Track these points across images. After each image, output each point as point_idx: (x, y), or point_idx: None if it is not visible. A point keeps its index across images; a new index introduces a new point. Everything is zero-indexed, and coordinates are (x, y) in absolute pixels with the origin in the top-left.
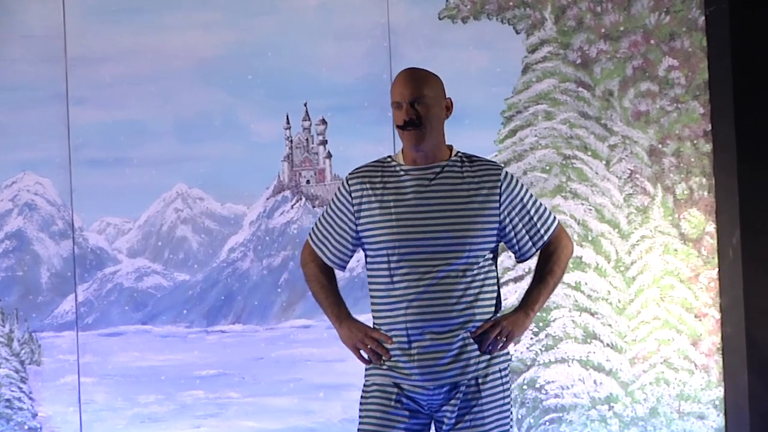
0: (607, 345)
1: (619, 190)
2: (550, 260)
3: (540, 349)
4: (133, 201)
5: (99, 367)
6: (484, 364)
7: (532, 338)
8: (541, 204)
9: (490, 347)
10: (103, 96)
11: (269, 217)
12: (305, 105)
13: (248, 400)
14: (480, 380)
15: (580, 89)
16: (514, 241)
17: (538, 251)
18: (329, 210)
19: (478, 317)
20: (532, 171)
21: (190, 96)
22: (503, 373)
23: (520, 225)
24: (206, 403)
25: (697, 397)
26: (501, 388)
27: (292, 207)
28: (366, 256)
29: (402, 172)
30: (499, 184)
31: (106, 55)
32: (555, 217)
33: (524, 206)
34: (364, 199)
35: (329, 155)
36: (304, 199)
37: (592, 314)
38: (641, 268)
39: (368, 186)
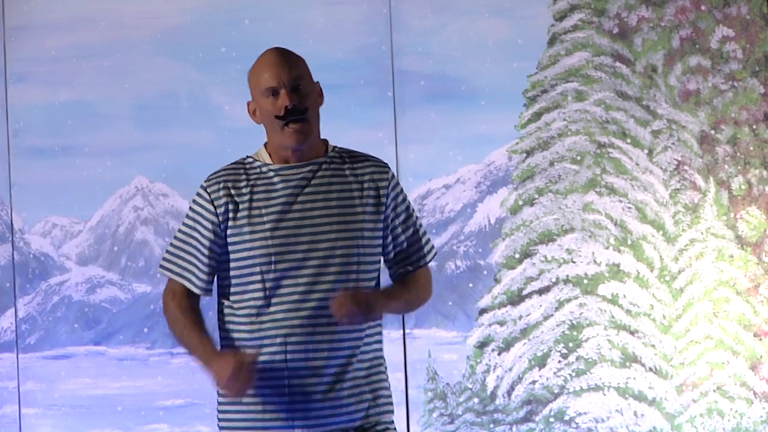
0: (650, 369)
1: (664, 185)
2: (413, 283)
3: (570, 375)
4: (84, 198)
5: (43, 396)
6: (376, 409)
7: (560, 361)
8: (421, 222)
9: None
10: (48, 72)
11: None
12: None
13: None
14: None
15: (618, 64)
16: (391, 255)
17: (407, 273)
18: (186, 229)
19: (363, 346)
20: (560, 161)
21: (151, 72)
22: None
23: (402, 237)
24: None
25: (757, 431)
26: None
27: None
28: (224, 278)
29: (271, 173)
30: (388, 185)
31: (51, 24)
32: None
33: (410, 217)
34: (230, 207)
35: None
36: None
37: (632, 333)
38: (690, 278)
39: (232, 192)
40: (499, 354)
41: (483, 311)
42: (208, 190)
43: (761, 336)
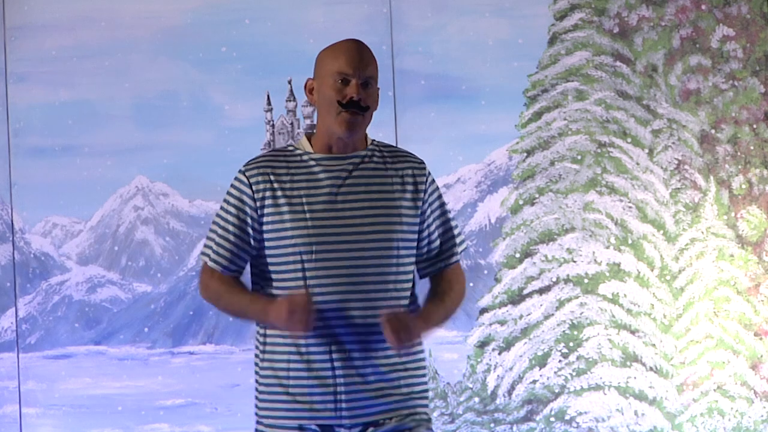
0: (651, 369)
1: (665, 184)
2: (447, 289)
3: (570, 374)
4: (84, 197)
5: (44, 396)
6: (416, 399)
7: (561, 361)
8: (456, 222)
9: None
10: (48, 72)
11: None
12: (290, 82)
13: None
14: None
15: (618, 64)
16: (424, 250)
17: (439, 271)
18: (224, 214)
19: None
20: (560, 161)
21: (151, 72)
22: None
23: (436, 234)
24: None
25: (757, 430)
26: None
27: None
28: (261, 269)
29: (313, 162)
30: (425, 180)
31: (51, 24)
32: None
33: (444, 213)
34: (268, 194)
35: None
36: None
37: (633, 332)
38: (691, 277)
39: (272, 178)
40: (499, 353)
41: (483, 311)
42: (247, 174)
43: (762, 335)
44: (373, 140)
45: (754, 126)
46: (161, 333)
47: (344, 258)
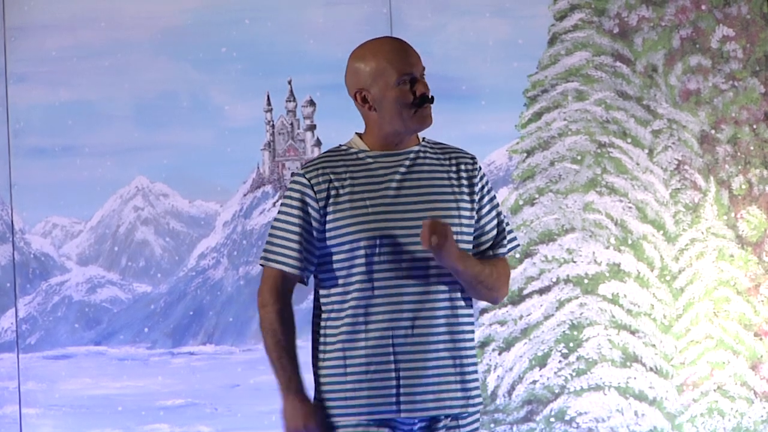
0: (651, 369)
1: (665, 185)
2: (498, 268)
3: (570, 374)
4: (84, 198)
5: (44, 396)
6: (471, 399)
7: (561, 361)
8: (505, 215)
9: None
10: (48, 72)
11: (247, 216)
12: (289, 83)
13: None
14: (460, 420)
15: (618, 64)
16: (477, 242)
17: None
18: (284, 217)
19: (460, 333)
20: (560, 161)
21: (151, 72)
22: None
23: (488, 226)
24: None
25: (757, 431)
26: None
27: (273, 205)
28: (325, 269)
29: (370, 160)
30: (476, 173)
31: (51, 24)
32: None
33: (494, 206)
34: (331, 192)
35: (318, 143)
36: None
37: (633, 332)
38: (691, 278)
39: (332, 177)
40: (499, 354)
41: (483, 311)
42: (307, 176)
43: (762, 336)
44: (424, 137)
45: (754, 126)
46: (161, 333)
47: (407, 252)
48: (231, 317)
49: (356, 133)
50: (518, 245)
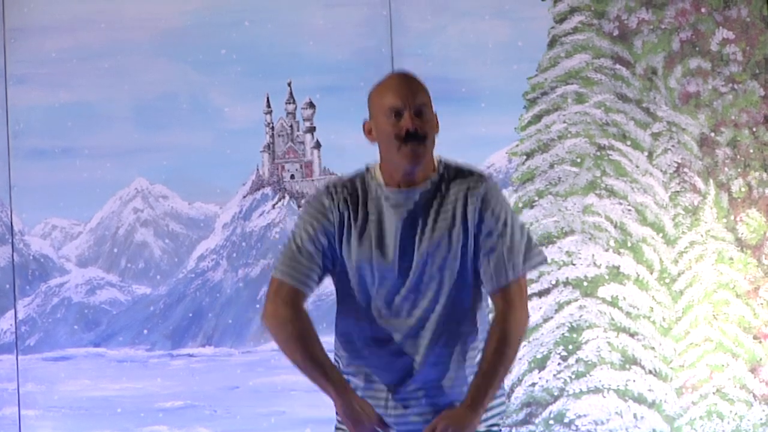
0: (650, 372)
1: (664, 187)
2: (498, 337)
3: (569, 377)
4: (84, 200)
5: (43, 398)
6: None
7: (560, 364)
8: (523, 235)
9: None
10: (48, 74)
11: (246, 218)
12: (289, 85)
13: None
14: None
15: (618, 66)
16: (480, 268)
17: (497, 292)
18: (300, 231)
19: (462, 364)
20: (560, 164)
21: (151, 74)
22: None
23: (488, 251)
24: None
25: None
26: None
27: (273, 207)
28: (336, 279)
29: (383, 197)
30: (477, 198)
31: (51, 25)
32: (530, 262)
33: (496, 230)
34: (346, 217)
35: (318, 145)
36: (287, 197)
37: (632, 335)
38: (690, 280)
39: (350, 204)
40: None
41: None
42: (333, 195)
43: (761, 338)
44: (441, 161)
45: (754, 129)
46: (160, 335)
47: (402, 289)
48: (230, 319)
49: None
50: (540, 262)
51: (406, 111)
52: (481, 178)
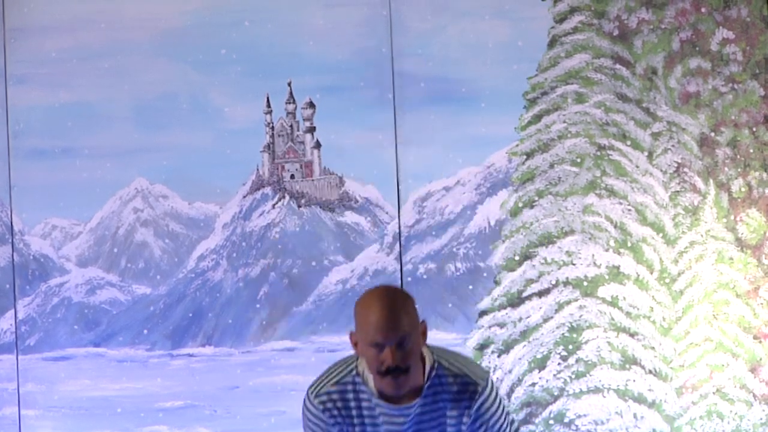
0: (650, 372)
1: (664, 187)
2: None
3: (569, 377)
4: (84, 199)
5: (43, 398)
6: None
7: (560, 363)
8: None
9: None
10: (48, 74)
11: (246, 218)
12: (289, 84)
13: None
14: None
15: (618, 66)
16: None
17: None
18: None
19: None
20: (560, 164)
21: (151, 74)
22: None
23: None
24: None
25: None
26: None
27: (273, 206)
28: None
29: (377, 409)
30: (472, 407)
31: (51, 25)
32: None
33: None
34: (342, 428)
35: (318, 145)
36: (287, 197)
37: (632, 335)
38: (690, 280)
39: (343, 414)
40: (498, 356)
41: (483, 313)
42: (321, 408)
43: (761, 338)
44: (435, 363)
45: (754, 129)
46: (160, 335)
47: None
48: (230, 319)
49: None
50: None
51: (387, 345)
52: (474, 384)
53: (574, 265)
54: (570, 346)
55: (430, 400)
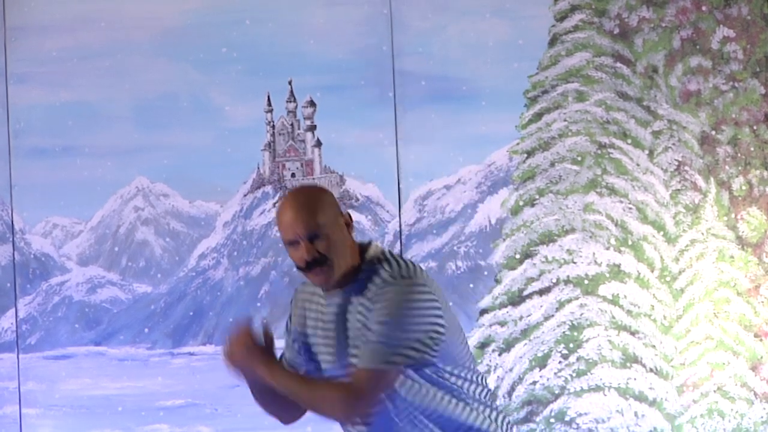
0: (651, 370)
1: (665, 186)
2: (318, 387)
3: (570, 375)
4: (85, 198)
5: (44, 396)
6: None
7: (561, 362)
8: (398, 339)
9: None
10: (48, 73)
11: (247, 217)
12: (290, 83)
13: None
14: None
15: (619, 65)
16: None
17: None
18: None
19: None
20: (560, 162)
21: (151, 73)
22: None
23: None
24: None
25: (757, 431)
26: None
27: (274, 205)
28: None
29: (321, 301)
30: (374, 295)
31: (52, 25)
32: (386, 362)
33: (371, 322)
34: (301, 320)
35: (318, 143)
36: None
37: (633, 333)
38: (691, 279)
39: (305, 306)
40: (499, 354)
41: (484, 312)
42: (292, 298)
43: (762, 337)
44: (376, 258)
45: (755, 127)
46: (161, 334)
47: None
48: (231, 318)
49: None
50: (395, 364)
51: (299, 241)
52: (388, 280)
53: (574, 263)
54: (571, 345)
55: (360, 293)
